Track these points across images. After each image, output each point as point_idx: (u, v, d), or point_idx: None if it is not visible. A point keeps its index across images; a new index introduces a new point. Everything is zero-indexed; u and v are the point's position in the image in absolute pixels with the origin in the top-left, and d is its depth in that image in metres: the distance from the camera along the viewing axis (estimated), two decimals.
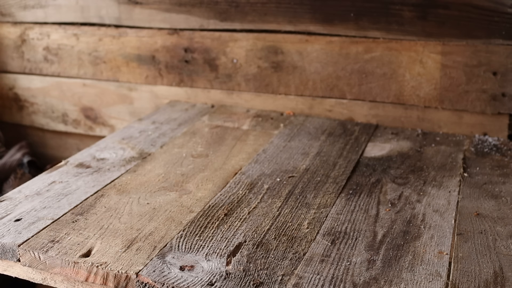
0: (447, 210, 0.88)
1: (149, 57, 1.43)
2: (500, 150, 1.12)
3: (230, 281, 0.69)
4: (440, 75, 1.21)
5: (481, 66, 1.17)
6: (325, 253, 0.76)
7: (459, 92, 1.21)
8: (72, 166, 1.06)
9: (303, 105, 1.33)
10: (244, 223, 0.84)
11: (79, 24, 1.54)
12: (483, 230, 0.81)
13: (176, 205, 0.90)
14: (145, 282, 0.70)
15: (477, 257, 0.74)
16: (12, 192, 0.97)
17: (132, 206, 0.90)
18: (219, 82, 1.42)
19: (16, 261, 0.81)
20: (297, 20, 1.27)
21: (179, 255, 0.76)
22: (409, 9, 1.19)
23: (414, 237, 0.79)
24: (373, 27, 1.23)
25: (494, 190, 0.94)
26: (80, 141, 1.73)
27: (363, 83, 1.28)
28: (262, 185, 0.96)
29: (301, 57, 1.29)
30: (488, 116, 1.21)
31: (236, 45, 1.35)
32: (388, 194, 0.93)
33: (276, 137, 1.18)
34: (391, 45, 1.23)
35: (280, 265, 0.73)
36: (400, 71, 1.24)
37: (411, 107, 1.26)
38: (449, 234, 0.80)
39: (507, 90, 1.17)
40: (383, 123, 1.29)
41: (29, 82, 1.70)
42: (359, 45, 1.25)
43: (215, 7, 1.36)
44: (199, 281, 0.69)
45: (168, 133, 1.21)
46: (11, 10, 1.62)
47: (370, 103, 1.29)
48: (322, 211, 0.88)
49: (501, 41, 1.14)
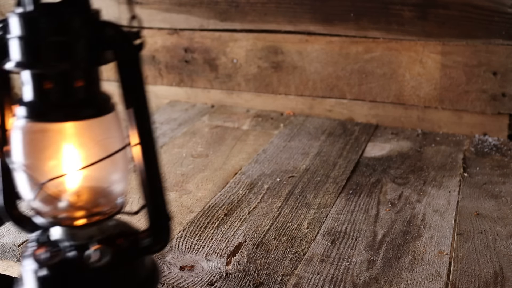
0: (447, 210, 0.88)
1: (149, 57, 1.43)
2: (500, 150, 1.12)
3: (230, 281, 0.69)
4: (440, 75, 1.21)
5: (481, 66, 1.17)
6: (325, 253, 0.76)
7: (459, 92, 1.21)
8: None
9: (303, 105, 1.33)
10: (244, 223, 0.84)
11: None
12: (483, 230, 0.81)
13: (176, 205, 0.90)
14: None
15: (477, 257, 0.74)
16: None
17: (132, 206, 0.90)
18: (219, 82, 1.42)
19: (16, 261, 0.81)
20: (297, 20, 1.27)
21: (179, 255, 0.76)
22: (409, 9, 1.19)
23: (414, 237, 0.79)
24: (373, 27, 1.23)
25: (494, 190, 0.94)
26: None
27: (363, 83, 1.28)
28: (262, 185, 0.96)
29: (301, 57, 1.29)
30: (488, 116, 1.21)
31: (236, 45, 1.35)
32: (388, 194, 0.93)
33: (276, 137, 1.18)
34: (391, 45, 1.23)
35: (280, 265, 0.73)
36: (400, 71, 1.24)
37: (411, 107, 1.26)
38: (449, 234, 0.80)
39: (507, 90, 1.17)
40: (383, 123, 1.29)
41: None
42: (359, 45, 1.25)
43: (215, 7, 1.36)
44: (199, 281, 0.69)
45: (168, 133, 1.21)
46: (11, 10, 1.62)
47: (370, 103, 1.29)
48: (322, 211, 0.88)
49: (501, 41, 1.14)
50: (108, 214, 0.54)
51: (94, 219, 0.53)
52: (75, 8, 0.48)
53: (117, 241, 0.54)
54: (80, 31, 0.48)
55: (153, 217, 0.54)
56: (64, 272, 0.52)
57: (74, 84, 0.50)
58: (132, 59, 0.50)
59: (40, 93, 0.50)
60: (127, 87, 0.51)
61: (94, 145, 0.52)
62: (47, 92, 0.50)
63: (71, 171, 0.52)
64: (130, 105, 0.52)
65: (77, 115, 0.51)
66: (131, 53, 0.50)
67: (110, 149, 0.52)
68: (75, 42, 0.48)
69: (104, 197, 0.54)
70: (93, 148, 0.52)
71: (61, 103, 0.50)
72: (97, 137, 0.52)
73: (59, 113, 0.50)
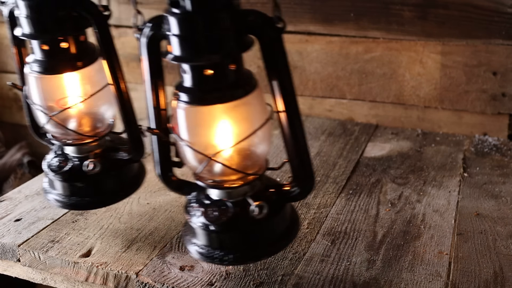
0: (447, 210, 0.88)
1: None
2: (500, 150, 1.12)
3: (230, 281, 0.69)
4: (440, 75, 1.21)
5: (481, 66, 1.17)
6: (325, 253, 0.76)
7: (459, 92, 1.21)
8: None
9: (303, 105, 1.33)
10: None
11: None
12: (483, 230, 0.81)
13: (176, 205, 0.90)
14: (145, 282, 0.70)
15: (477, 257, 0.74)
16: (12, 192, 0.97)
17: (132, 206, 0.90)
18: None
19: (16, 261, 0.81)
20: (297, 20, 1.27)
21: (179, 255, 0.76)
22: (409, 9, 1.19)
23: (414, 237, 0.79)
24: (373, 27, 1.23)
25: (494, 190, 0.94)
26: None
27: (363, 83, 1.28)
28: None
29: (301, 57, 1.29)
30: (488, 116, 1.21)
31: None
32: (388, 194, 0.93)
33: (276, 137, 1.18)
34: (391, 45, 1.23)
35: (280, 265, 0.73)
36: (400, 71, 1.24)
37: (411, 107, 1.26)
38: (449, 234, 0.80)
39: (507, 90, 1.17)
40: (383, 123, 1.29)
41: None
42: (359, 45, 1.25)
43: None
44: (199, 281, 0.69)
45: None
46: None
47: (370, 103, 1.29)
48: (322, 211, 0.88)
49: (501, 41, 1.14)
50: (258, 174, 0.64)
51: (248, 179, 0.63)
52: (222, 3, 0.55)
53: (267, 194, 0.65)
54: (229, 23, 0.56)
55: (297, 169, 0.65)
56: (229, 226, 0.62)
57: (227, 70, 0.59)
58: (276, 39, 0.58)
59: (199, 80, 0.59)
60: (271, 63, 0.60)
61: (243, 119, 0.61)
62: (206, 79, 0.58)
63: (229, 143, 0.61)
64: (274, 78, 0.60)
65: (232, 95, 0.59)
66: (275, 34, 0.58)
67: (257, 121, 0.61)
68: (226, 34, 0.56)
69: (254, 161, 0.65)
70: (244, 122, 0.61)
71: (217, 87, 0.59)
72: (247, 112, 0.61)
73: (218, 95, 0.59)
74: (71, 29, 0.72)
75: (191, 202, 0.66)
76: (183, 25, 0.55)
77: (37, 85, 0.75)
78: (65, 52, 0.74)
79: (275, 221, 0.65)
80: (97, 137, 0.79)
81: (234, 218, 0.62)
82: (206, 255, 0.64)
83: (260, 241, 0.64)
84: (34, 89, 0.75)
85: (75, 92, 0.76)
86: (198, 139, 0.62)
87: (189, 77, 0.59)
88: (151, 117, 0.64)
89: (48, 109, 0.76)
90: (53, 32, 0.71)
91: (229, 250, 0.63)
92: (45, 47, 0.72)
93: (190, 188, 0.67)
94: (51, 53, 0.73)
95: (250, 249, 0.64)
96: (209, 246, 0.64)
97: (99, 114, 0.79)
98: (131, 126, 0.77)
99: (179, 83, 0.61)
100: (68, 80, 0.76)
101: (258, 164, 0.65)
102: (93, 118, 0.79)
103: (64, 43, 0.73)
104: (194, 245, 0.65)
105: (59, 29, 0.71)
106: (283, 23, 0.59)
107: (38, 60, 0.74)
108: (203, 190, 0.66)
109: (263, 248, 0.65)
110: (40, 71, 0.73)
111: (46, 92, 0.76)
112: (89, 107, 0.77)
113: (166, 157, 0.66)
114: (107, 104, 0.78)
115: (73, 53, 0.74)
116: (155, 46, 0.61)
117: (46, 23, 0.70)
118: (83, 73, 0.75)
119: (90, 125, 0.79)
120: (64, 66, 0.74)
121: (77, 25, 0.72)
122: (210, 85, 0.59)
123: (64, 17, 0.70)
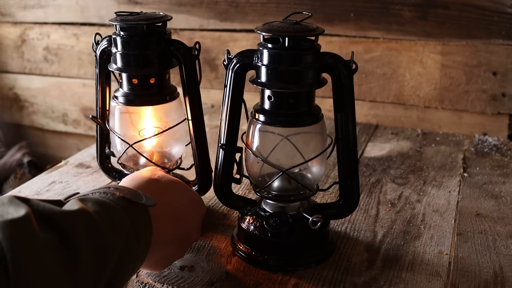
0: (447, 210, 0.88)
1: None
2: (500, 150, 1.13)
3: (230, 281, 0.69)
4: (440, 75, 1.21)
5: (481, 66, 1.17)
6: None
7: (459, 92, 1.21)
8: (72, 166, 1.06)
9: None
10: None
11: (79, 24, 1.54)
12: (483, 230, 0.81)
13: None
14: (145, 282, 0.70)
15: (477, 257, 0.74)
16: (12, 192, 0.97)
17: None
18: (219, 82, 1.42)
19: None
20: None
21: None
22: (409, 9, 1.19)
23: (414, 237, 0.79)
24: (373, 27, 1.23)
25: (494, 190, 0.94)
26: (80, 141, 1.73)
27: (363, 83, 1.28)
28: None
29: None
30: (488, 116, 1.21)
31: (236, 45, 1.35)
32: (388, 194, 0.93)
33: None
34: (391, 45, 1.23)
35: None
36: (400, 71, 1.24)
37: (411, 107, 1.26)
38: (449, 234, 0.80)
39: (507, 90, 1.17)
40: (383, 123, 1.29)
41: (29, 82, 1.70)
42: (359, 45, 1.25)
43: (215, 7, 1.36)
44: (199, 281, 0.69)
45: None
46: (11, 10, 1.62)
47: (370, 103, 1.29)
48: None
49: (501, 41, 1.14)
50: (308, 196, 0.74)
51: (300, 197, 0.73)
52: (308, 44, 0.67)
53: (315, 210, 0.75)
54: (309, 62, 0.66)
55: (344, 191, 0.74)
56: (291, 236, 0.72)
57: (297, 102, 0.69)
58: (348, 78, 0.68)
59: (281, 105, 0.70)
60: (340, 97, 0.69)
61: (307, 145, 0.73)
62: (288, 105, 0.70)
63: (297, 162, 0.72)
64: (341, 111, 0.70)
65: (304, 121, 0.71)
66: (348, 75, 0.68)
67: (319, 148, 0.73)
68: (305, 71, 0.66)
69: (313, 181, 0.76)
70: (308, 147, 0.72)
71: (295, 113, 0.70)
72: (310, 139, 0.73)
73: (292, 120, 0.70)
74: (162, 66, 0.78)
75: (246, 213, 0.76)
76: (275, 59, 0.66)
77: (121, 116, 0.81)
78: (152, 86, 0.79)
79: (323, 233, 0.74)
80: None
81: (292, 227, 0.71)
82: (257, 260, 0.73)
83: (313, 249, 0.74)
84: (117, 120, 0.81)
85: (154, 124, 0.83)
86: (270, 155, 0.72)
87: (269, 102, 0.70)
88: (222, 134, 0.76)
89: (128, 139, 0.80)
90: (150, 68, 0.77)
91: (281, 255, 0.72)
92: (134, 81, 0.78)
93: (242, 202, 0.78)
94: (141, 87, 0.79)
95: (302, 256, 0.73)
96: (258, 251, 0.73)
97: (170, 149, 0.84)
98: (203, 161, 0.83)
99: (259, 106, 0.72)
100: (151, 113, 0.82)
101: (312, 184, 0.75)
102: (163, 153, 0.85)
103: (152, 78, 0.78)
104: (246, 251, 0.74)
105: (151, 65, 0.77)
106: (355, 66, 0.68)
107: (126, 92, 0.79)
108: (257, 204, 0.76)
109: (314, 256, 0.73)
110: (126, 103, 0.79)
111: (130, 123, 0.82)
112: (163, 141, 0.83)
113: (228, 173, 0.76)
114: (179, 142, 0.84)
115: (159, 88, 0.80)
116: (241, 74, 0.71)
117: (143, 60, 0.76)
118: (165, 108, 0.82)
119: (159, 160, 0.84)
120: (151, 99, 0.80)
121: (166, 63, 0.78)
122: (291, 110, 0.69)
123: (159, 55, 0.77)
